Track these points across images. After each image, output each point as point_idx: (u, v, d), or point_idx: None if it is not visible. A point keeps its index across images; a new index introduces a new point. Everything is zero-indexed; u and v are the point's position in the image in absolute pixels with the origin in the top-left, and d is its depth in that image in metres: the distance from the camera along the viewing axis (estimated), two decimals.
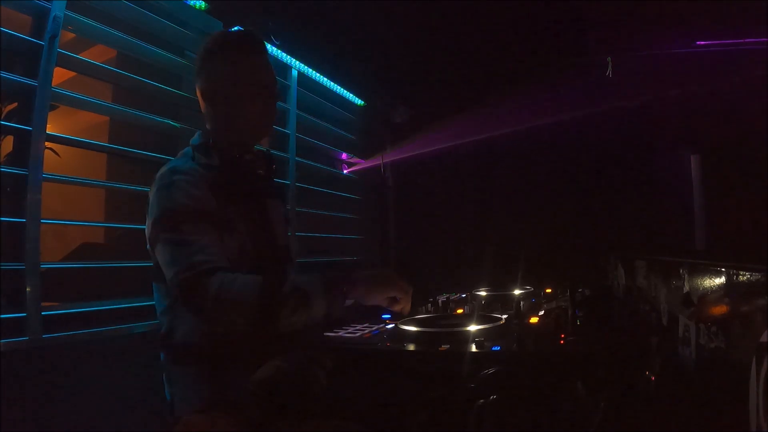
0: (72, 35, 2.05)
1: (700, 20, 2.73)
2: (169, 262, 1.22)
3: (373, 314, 1.84)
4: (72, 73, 2.00)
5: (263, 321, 1.17)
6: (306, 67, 2.99)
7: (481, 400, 1.10)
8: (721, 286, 1.07)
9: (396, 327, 1.57)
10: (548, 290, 2.23)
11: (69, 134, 1.83)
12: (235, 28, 2.27)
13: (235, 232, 1.36)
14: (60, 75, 1.81)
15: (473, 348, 1.26)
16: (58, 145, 1.85)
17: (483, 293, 2.23)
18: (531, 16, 2.86)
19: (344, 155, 3.73)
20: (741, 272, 0.98)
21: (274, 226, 1.53)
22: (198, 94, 1.49)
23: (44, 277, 1.65)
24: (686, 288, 1.29)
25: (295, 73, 2.92)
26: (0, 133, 1.67)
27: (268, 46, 2.74)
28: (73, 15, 1.79)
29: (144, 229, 1.36)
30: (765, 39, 2.81)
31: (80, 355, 1.70)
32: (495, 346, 1.27)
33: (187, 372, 1.31)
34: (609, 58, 3.22)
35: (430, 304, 1.99)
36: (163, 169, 1.37)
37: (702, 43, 2.98)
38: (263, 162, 1.55)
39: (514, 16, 2.86)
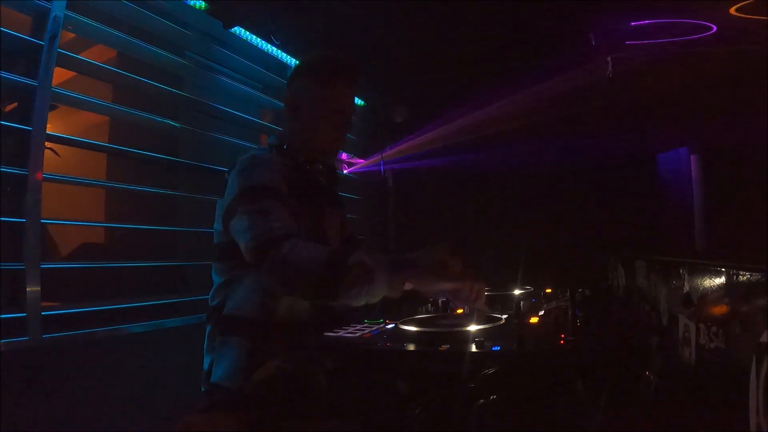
0: (72, 35, 2.05)
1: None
2: (246, 228, 1.32)
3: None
4: (72, 73, 2.01)
5: (325, 287, 1.23)
6: None
7: (481, 400, 1.10)
8: (721, 286, 1.07)
9: (396, 327, 1.57)
10: (548, 290, 2.22)
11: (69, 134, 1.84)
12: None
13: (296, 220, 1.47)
14: (60, 75, 1.81)
15: (473, 348, 1.26)
16: (58, 145, 1.85)
17: None
18: (530, 16, 2.86)
19: (344, 155, 3.73)
20: (741, 272, 0.98)
21: (327, 232, 1.62)
22: (285, 100, 1.61)
23: (44, 277, 1.65)
24: (686, 288, 1.28)
25: None
26: (0, 132, 1.67)
27: (268, 46, 2.75)
28: (73, 15, 1.79)
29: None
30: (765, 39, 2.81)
31: (80, 355, 1.71)
32: (495, 346, 1.27)
33: (230, 341, 1.41)
34: (609, 58, 3.22)
35: (430, 304, 1.99)
36: (243, 156, 1.48)
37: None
38: (326, 173, 1.65)
39: (513, 15, 2.86)
